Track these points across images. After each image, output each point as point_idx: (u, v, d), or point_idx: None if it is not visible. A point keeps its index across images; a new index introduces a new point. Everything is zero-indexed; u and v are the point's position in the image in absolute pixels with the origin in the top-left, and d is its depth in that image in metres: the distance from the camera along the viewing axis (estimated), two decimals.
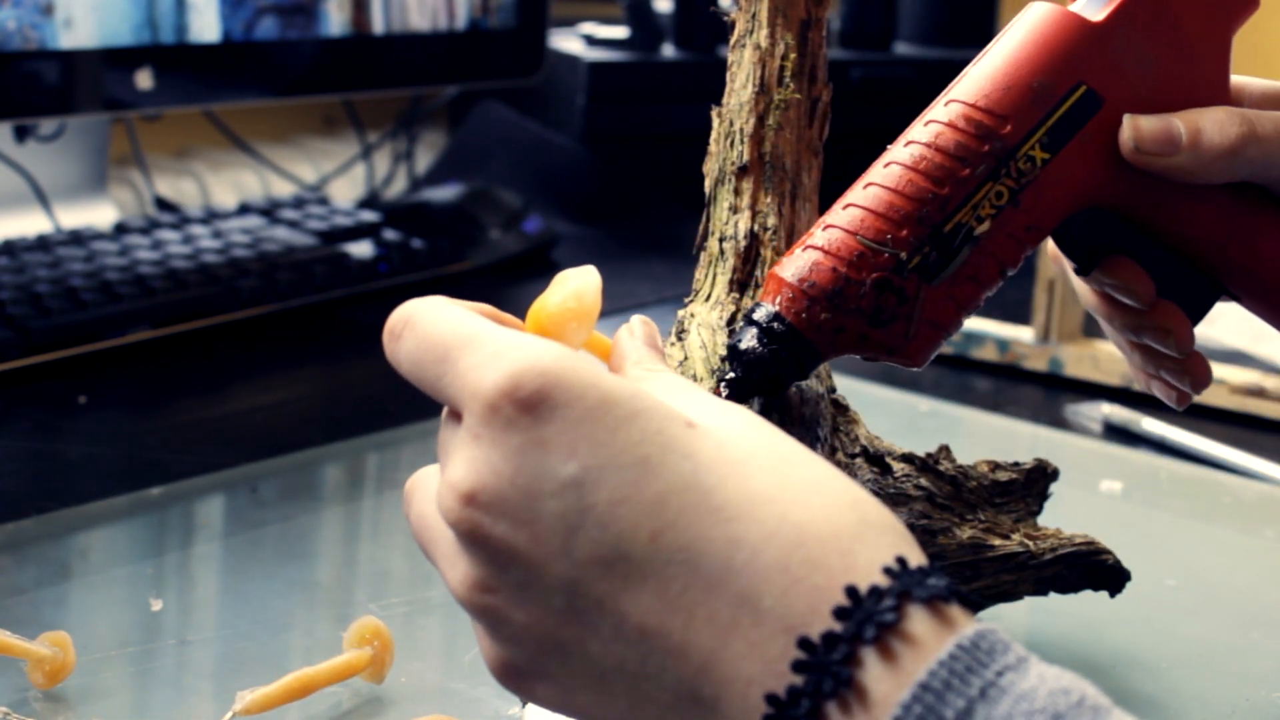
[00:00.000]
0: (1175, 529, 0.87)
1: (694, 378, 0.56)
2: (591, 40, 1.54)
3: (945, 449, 0.62)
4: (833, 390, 0.61)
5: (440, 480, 0.43)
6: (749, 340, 0.53)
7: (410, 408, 0.99)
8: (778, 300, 0.53)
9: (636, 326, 0.49)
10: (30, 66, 1.06)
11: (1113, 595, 0.64)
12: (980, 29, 1.62)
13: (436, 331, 0.44)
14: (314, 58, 1.24)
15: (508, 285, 1.28)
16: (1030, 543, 0.61)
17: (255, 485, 0.87)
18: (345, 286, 1.18)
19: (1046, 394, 1.08)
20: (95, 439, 0.92)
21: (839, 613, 0.38)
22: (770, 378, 0.53)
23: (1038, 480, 0.64)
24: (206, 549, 0.81)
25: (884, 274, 0.52)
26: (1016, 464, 0.64)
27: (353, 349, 1.13)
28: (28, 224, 1.23)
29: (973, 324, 1.12)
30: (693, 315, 0.59)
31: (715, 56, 1.51)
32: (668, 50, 1.54)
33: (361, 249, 1.23)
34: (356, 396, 1.06)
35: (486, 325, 0.44)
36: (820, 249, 0.52)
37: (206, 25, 1.15)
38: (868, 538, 0.40)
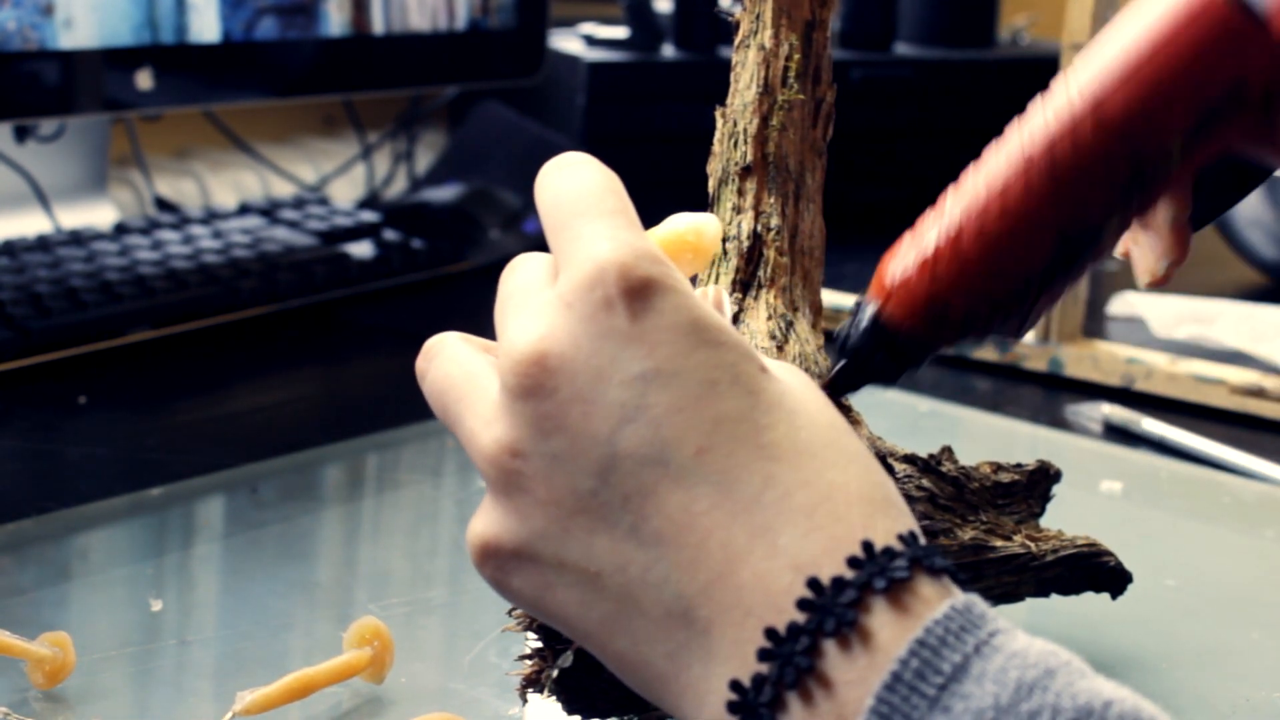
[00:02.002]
0: (1175, 529, 0.87)
1: None
2: (591, 40, 1.54)
3: (947, 450, 0.62)
4: None
5: (510, 330, 0.43)
6: (859, 338, 0.52)
7: (410, 408, 0.99)
8: (905, 312, 0.51)
9: (710, 295, 0.51)
10: (30, 66, 1.06)
11: (1114, 597, 0.64)
12: (980, 29, 1.62)
13: (594, 187, 0.45)
14: (314, 58, 1.24)
15: None
16: (1032, 544, 0.61)
17: (255, 485, 0.86)
18: (345, 286, 1.18)
19: (1046, 394, 1.08)
20: (95, 439, 0.92)
21: (852, 562, 0.39)
22: (868, 381, 0.53)
23: (1040, 481, 0.64)
24: (206, 549, 0.81)
25: (1011, 296, 0.51)
26: (1019, 465, 0.64)
27: (353, 349, 1.13)
28: (28, 224, 1.23)
29: None
30: None
31: (715, 57, 1.51)
32: (668, 50, 1.54)
33: (361, 249, 1.23)
34: (356, 396, 1.06)
35: (634, 213, 0.45)
36: (956, 268, 0.50)
37: (206, 25, 1.15)
38: (890, 513, 0.41)
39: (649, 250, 0.43)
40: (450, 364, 0.46)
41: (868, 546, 0.40)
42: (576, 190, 0.45)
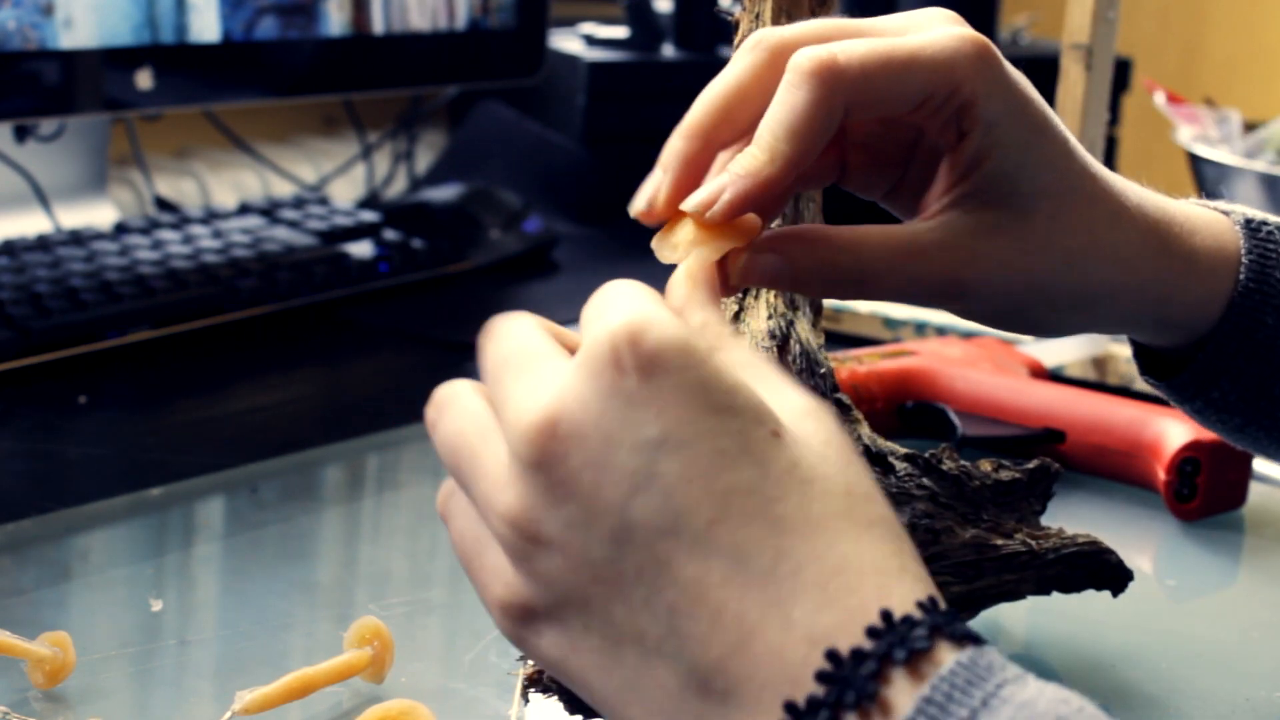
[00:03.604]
0: (1175, 528, 0.87)
1: None
2: (591, 40, 1.54)
3: (948, 448, 0.62)
4: (836, 389, 0.61)
5: (517, 397, 0.42)
6: None
7: (410, 408, 0.99)
8: None
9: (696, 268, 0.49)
10: (30, 66, 1.06)
11: (1115, 595, 0.64)
12: (980, 29, 1.61)
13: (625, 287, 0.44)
14: (314, 58, 1.24)
15: (508, 285, 1.28)
16: (1033, 542, 0.61)
17: (255, 485, 0.86)
18: (345, 286, 1.18)
19: None
20: (95, 439, 0.92)
21: (871, 632, 0.39)
22: None
23: (1040, 480, 0.64)
24: (206, 549, 0.81)
25: None
26: (1019, 463, 0.64)
27: (353, 349, 1.13)
28: (28, 224, 1.23)
29: (972, 324, 1.12)
30: None
31: (715, 56, 1.51)
32: (668, 50, 1.54)
33: (361, 249, 1.23)
34: (356, 396, 1.05)
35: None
36: None
37: (206, 25, 1.15)
38: (906, 580, 0.41)
39: (653, 311, 0.42)
40: (462, 417, 0.45)
41: (886, 616, 0.39)
42: (612, 291, 0.44)
